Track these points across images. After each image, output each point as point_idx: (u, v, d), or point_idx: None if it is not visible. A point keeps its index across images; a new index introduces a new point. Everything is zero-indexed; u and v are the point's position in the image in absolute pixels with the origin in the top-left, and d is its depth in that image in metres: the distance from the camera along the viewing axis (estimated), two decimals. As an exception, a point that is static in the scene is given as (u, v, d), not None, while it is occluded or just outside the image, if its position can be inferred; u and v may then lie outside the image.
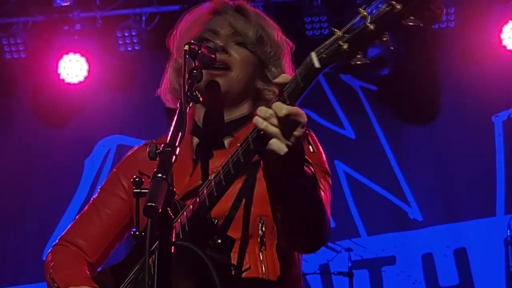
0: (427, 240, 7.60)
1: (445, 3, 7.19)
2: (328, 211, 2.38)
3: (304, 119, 2.02)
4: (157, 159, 1.91)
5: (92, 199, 2.79)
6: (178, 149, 1.95)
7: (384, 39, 1.94)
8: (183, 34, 2.69)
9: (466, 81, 7.61)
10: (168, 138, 1.98)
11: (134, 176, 1.89)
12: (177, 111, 2.10)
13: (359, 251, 7.58)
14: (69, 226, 2.77)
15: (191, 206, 2.22)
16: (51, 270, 2.61)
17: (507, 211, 7.49)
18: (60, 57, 7.59)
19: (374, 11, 1.93)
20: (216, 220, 2.24)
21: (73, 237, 2.70)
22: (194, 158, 2.53)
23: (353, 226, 7.70)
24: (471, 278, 7.48)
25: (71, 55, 7.58)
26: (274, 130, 1.99)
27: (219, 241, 2.21)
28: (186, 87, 2.18)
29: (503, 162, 7.67)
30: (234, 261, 2.32)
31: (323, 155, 2.57)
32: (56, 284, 2.54)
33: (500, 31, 7.19)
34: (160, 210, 1.75)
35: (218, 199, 2.18)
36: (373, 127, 7.93)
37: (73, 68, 7.62)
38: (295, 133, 2.01)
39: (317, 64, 1.99)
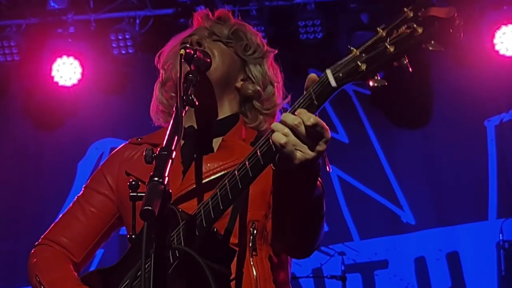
0: (419, 244, 7.61)
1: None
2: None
3: (329, 134, 2.00)
4: (153, 162, 1.91)
5: (76, 197, 2.74)
6: (174, 153, 1.95)
7: (404, 62, 1.89)
8: (169, 50, 2.68)
9: (459, 85, 7.63)
10: (164, 142, 1.97)
11: (131, 180, 1.89)
12: (173, 115, 2.10)
13: (352, 255, 7.59)
14: (52, 225, 2.72)
15: (193, 216, 2.18)
16: (36, 272, 2.57)
17: (499, 215, 7.51)
18: (54, 60, 7.59)
19: (393, 32, 1.88)
20: (217, 231, 2.20)
21: (56, 236, 2.66)
22: (182, 160, 2.50)
23: (346, 230, 7.71)
24: (463, 281, 7.50)
25: (64, 58, 7.59)
26: (296, 141, 1.95)
27: (220, 253, 2.19)
28: (182, 91, 2.18)
29: (495, 166, 7.69)
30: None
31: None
32: (43, 285, 2.51)
33: (493, 36, 7.22)
34: (156, 214, 1.75)
35: (224, 212, 2.14)
36: (366, 131, 7.94)
37: (66, 71, 7.62)
38: (319, 147, 1.99)
39: (333, 83, 1.96)
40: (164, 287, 1.90)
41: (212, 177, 2.37)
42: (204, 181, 2.38)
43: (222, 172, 2.35)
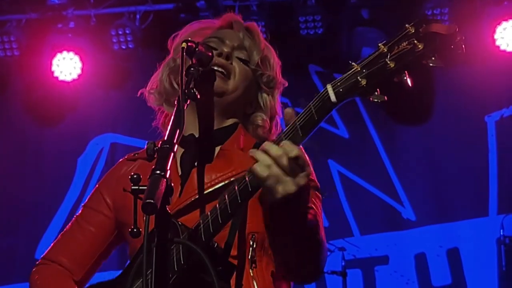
0: (420, 240, 7.61)
1: (438, 3, 7.20)
2: (323, 234, 2.35)
3: (310, 169, 1.99)
4: (155, 156, 1.90)
5: (75, 216, 2.74)
6: (176, 146, 1.94)
7: (404, 77, 1.89)
8: (185, 37, 2.62)
9: (459, 81, 7.62)
10: (166, 135, 1.97)
11: (132, 174, 1.88)
12: (175, 109, 2.09)
13: (353, 251, 7.58)
14: (52, 244, 2.72)
15: (193, 230, 2.17)
16: None
17: (500, 211, 7.51)
18: (54, 55, 7.58)
19: (394, 48, 1.88)
20: (217, 245, 2.19)
21: (56, 256, 2.65)
22: (180, 173, 2.47)
23: (347, 226, 7.70)
24: (463, 277, 7.50)
25: (64, 53, 7.57)
26: (279, 174, 1.95)
27: (220, 268, 2.17)
28: (184, 84, 2.17)
29: (495, 162, 7.68)
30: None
31: (311, 168, 2.55)
32: None
33: (494, 32, 7.21)
34: (158, 207, 1.74)
35: (223, 226, 2.13)
36: (367, 127, 7.93)
37: (66, 66, 7.61)
38: (299, 181, 1.97)
39: (333, 98, 1.96)
40: (166, 280, 1.89)
41: (211, 189, 2.36)
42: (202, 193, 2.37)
43: (221, 184, 2.34)
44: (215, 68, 2.47)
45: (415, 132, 7.86)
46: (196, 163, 2.45)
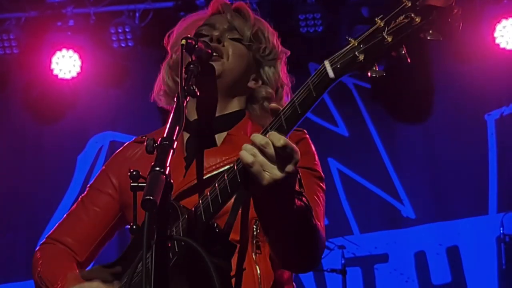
0: (419, 238, 7.60)
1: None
2: (323, 224, 2.36)
3: (298, 156, 1.97)
4: (155, 152, 1.90)
5: (80, 197, 2.76)
6: (176, 142, 1.94)
7: (402, 52, 1.89)
8: (180, 32, 2.66)
9: (459, 79, 7.62)
10: (166, 132, 1.97)
11: (131, 170, 1.87)
12: (175, 105, 2.09)
13: (352, 249, 7.59)
14: (57, 224, 2.73)
15: (193, 211, 2.16)
16: (39, 268, 2.58)
17: (500, 209, 7.50)
18: (53, 53, 7.57)
19: (391, 22, 1.88)
20: (217, 225, 2.18)
21: (61, 236, 2.66)
22: (186, 155, 2.50)
23: (346, 224, 7.70)
24: (463, 276, 7.50)
25: (64, 51, 7.56)
26: (264, 162, 1.94)
27: (220, 247, 2.16)
28: (183, 81, 2.17)
29: (495, 160, 7.68)
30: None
31: (317, 159, 2.54)
32: (44, 283, 2.51)
33: (493, 30, 7.20)
34: (158, 204, 1.73)
35: (223, 206, 2.12)
36: (367, 125, 7.93)
37: (66, 64, 7.60)
38: (287, 169, 1.96)
39: (331, 73, 1.95)
40: (165, 280, 1.89)
41: (215, 172, 2.36)
42: (205, 176, 2.37)
43: (224, 168, 2.34)
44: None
45: (415, 130, 7.86)
46: (201, 147, 2.47)
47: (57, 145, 8.04)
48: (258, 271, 2.33)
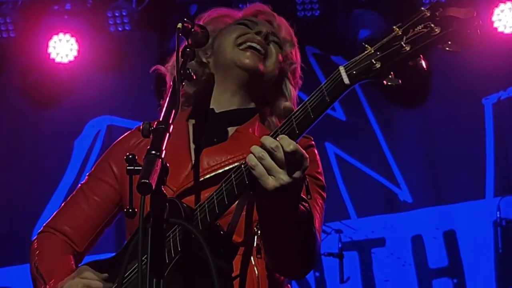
0: (416, 222, 7.62)
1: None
2: (319, 232, 2.35)
3: (307, 163, 1.95)
4: (151, 136, 1.89)
5: (80, 184, 2.72)
6: (172, 126, 1.93)
7: (420, 61, 1.87)
8: (206, 23, 2.64)
9: (456, 63, 7.59)
10: (162, 115, 1.96)
11: (127, 154, 1.87)
12: (170, 89, 2.09)
13: (349, 233, 7.60)
14: (55, 212, 2.71)
15: (195, 211, 2.14)
16: (36, 258, 2.57)
17: (497, 193, 7.51)
18: (50, 37, 7.54)
19: (409, 31, 1.85)
20: (220, 226, 2.16)
21: (59, 224, 2.64)
22: (191, 148, 2.47)
23: (343, 208, 7.71)
24: (460, 260, 7.52)
25: (61, 35, 7.53)
26: (271, 165, 1.91)
27: (223, 249, 2.14)
28: (179, 65, 2.16)
29: (492, 144, 7.68)
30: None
31: (321, 167, 2.53)
32: (40, 274, 2.50)
33: (491, 14, 7.19)
34: (154, 187, 1.73)
35: (229, 207, 2.09)
36: (364, 109, 7.92)
37: (63, 48, 7.57)
38: (295, 175, 1.93)
39: (346, 80, 1.91)
40: (162, 260, 1.89)
41: (219, 171, 2.34)
42: (210, 175, 2.36)
43: (229, 167, 2.33)
44: (253, 45, 2.51)
45: (412, 115, 7.86)
46: (207, 140, 2.47)
47: (54, 129, 8.02)
48: (257, 273, 2.31)
